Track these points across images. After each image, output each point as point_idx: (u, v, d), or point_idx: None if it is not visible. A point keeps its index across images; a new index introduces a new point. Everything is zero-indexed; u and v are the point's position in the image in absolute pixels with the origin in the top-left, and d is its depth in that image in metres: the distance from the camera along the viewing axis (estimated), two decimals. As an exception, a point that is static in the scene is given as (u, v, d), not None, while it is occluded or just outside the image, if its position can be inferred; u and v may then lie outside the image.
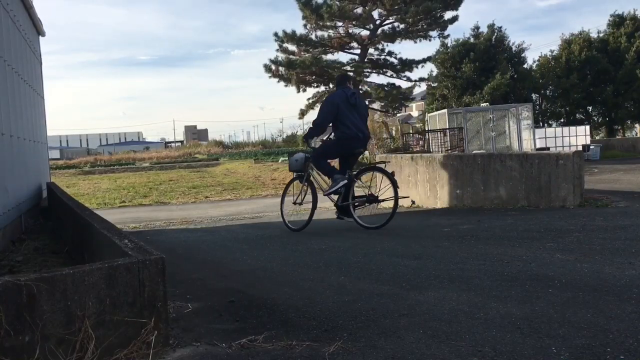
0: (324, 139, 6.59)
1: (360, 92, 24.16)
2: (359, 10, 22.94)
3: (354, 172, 6.13)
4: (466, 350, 2.11)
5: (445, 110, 20.15)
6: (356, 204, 6.05)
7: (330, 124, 6.07)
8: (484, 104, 21.78)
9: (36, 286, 1.99)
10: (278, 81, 24.49)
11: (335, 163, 6.44)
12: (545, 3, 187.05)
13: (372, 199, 5.93)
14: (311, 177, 6.48)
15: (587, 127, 23.15)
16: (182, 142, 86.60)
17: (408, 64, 24.19)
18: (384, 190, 6.01)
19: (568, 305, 2.61)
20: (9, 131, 6.20)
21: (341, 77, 6.37)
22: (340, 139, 6.01)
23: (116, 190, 20.79)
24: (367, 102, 6.57)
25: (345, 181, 5.98)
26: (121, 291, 2.16)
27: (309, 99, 25.28)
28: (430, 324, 2.45)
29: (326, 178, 6.32)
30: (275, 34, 23.63)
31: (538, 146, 19.58)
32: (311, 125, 6.26)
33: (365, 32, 23.91)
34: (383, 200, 5.98)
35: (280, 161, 31.52)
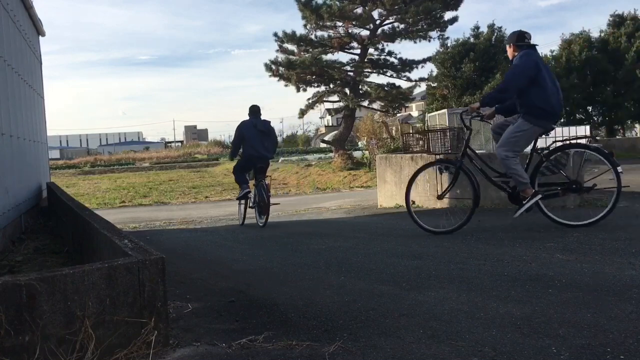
0: None
1: (360, 92, 24.15)
2: (359, 10, 22.92)
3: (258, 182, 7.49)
4: (466, 350, 2.11)
5: (445, 110, 20.12)
6: (261, 206, 7.41)
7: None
8: (484, 104, 21.73)
9: (36, 286, 1.99)
10: (278, 80, 24.48)
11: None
12: (546, 3, 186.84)
13: (263, 204, 7.34)
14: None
15: (587, 127, 23.10)
16: (182, 142, 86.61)
17: (408, 64, 24.18)
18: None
19: (568, 305, 2.61)
20: (9, 131, 6.20)
21: (254, 108, 7.75)
22: (244, 157, 7.62)
23: (116, 190, 20.79)
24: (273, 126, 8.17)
25: (247, 190, 7.68)
26: (121, 291, 2.16)
27: (309, 99, 25.25)
28: (430, 324, 2.45)
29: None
30: (275, 34, 23.62)
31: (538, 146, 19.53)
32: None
33: (365, 32, 23.89)
34: (274, 204, 7.49)
35: (280, 161, 31.53)
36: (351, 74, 23.71)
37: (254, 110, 7.73)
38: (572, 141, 5.59)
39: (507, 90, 4.95)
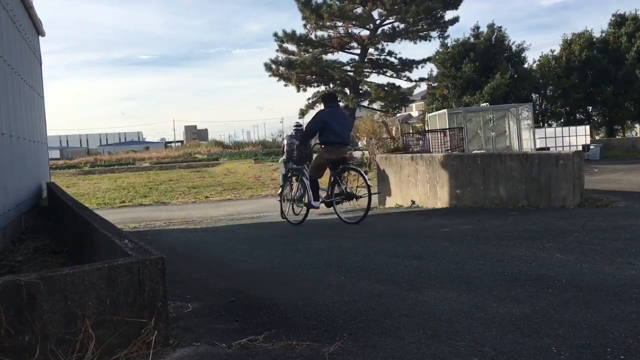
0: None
1: (360, 92, 24.17)
2: (359, 10, 22.94)
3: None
4: (466, 350, 2.11)
5: (445, 110, 20.13)
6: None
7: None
8: (484, 104, 21.75)
9: (36, 286, 1.99)
10: (278, 80, 24.51)
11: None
12: (549, 2, 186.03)
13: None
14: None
15: (587, 127, 23.10)
16: (182, 142, 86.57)
17: (408, 64, 24.20)
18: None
19: (568, 305, 2.61)
20: (9, 131, 6.20)
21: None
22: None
23: (116, 190, 20.79)
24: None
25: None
26: (121, 291, 2.16)
27: (309, 98, 25.30)
28: (430, 324, 2.45)
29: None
30: (275, 34, 23.66)
31: (538, 146, 19.56)
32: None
33: (365, 32, 23.92)
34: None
35: (280, 161, 31.52)
36: (351, 74, 23.70)
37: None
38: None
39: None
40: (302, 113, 26.07)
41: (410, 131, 24.40)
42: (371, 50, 24.17)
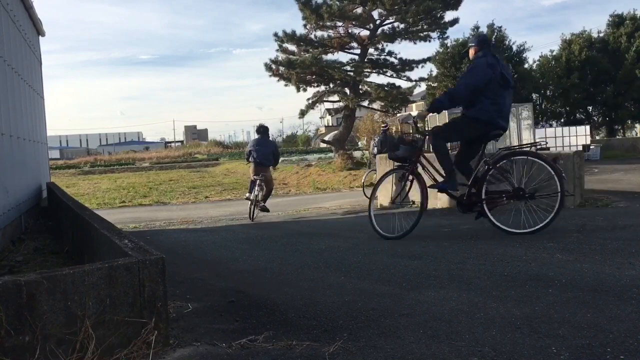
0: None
1: (360, 92, 24.17)
2: (359, 10, 22.91)
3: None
4: (466, 350, 2.11)
5: (445, 111, 20.12)
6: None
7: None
8: (484, 104, 21.69)
9: (36, 286, 1.99)
10: (278, 80, 24.48)
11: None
12: (551, 1, 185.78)
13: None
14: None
15: (588, 127, 23.09)
16: (182, 142, 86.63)
17: (408, 64, 24.17)
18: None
19: (568, 305, 2.61)
20: (9, 131, 6.20)
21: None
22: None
23: (116, 190, 20.80)
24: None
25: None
26: (121, 291, 2.16)
27: (309, 99, 25.27)
28: (430, 324, 2.45)
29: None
30: (275, 34, 23.61)
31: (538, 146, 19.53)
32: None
33: (365, 32, 23.89)
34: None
35: (280, 161, 31.49)
36: (351, 74, 23.68)
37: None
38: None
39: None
40: (302, 113, 26.05)
41: (410, 131, 24.38)
42: (371, 50, 24.15)
